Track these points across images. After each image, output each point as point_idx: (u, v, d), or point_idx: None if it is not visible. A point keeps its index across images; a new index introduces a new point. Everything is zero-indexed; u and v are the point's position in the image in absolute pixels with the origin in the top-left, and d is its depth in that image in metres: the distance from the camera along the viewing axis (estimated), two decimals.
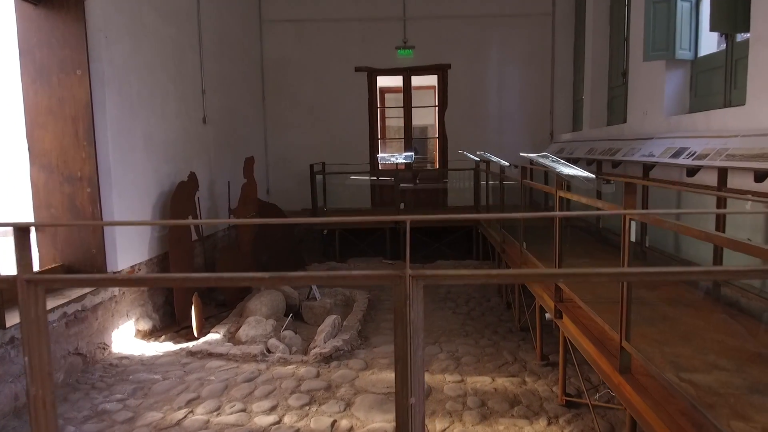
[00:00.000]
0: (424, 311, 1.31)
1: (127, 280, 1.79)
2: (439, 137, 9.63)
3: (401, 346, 1.30)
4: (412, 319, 1.29)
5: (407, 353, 1.30)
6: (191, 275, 1.36)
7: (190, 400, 3.70)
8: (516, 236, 5.17)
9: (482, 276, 1.25)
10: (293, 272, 1.37)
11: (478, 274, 1.26)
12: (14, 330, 3.49)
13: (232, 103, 7.76)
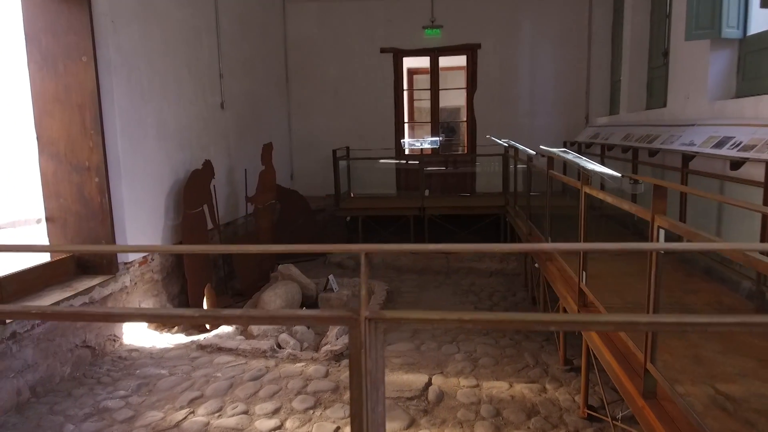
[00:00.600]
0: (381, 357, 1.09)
1: (44, 315, 1.63)
2: (467, 120, 9.27)
3: (357, 401, 1.08)
4: (370, 369, 1.07)
5: (363, 410, 1.08)
6: (112, 311, 1.17)
7: (194, 399, 3.59)
8: (542, 229, 4.87)
9: (454, 321, 1.02)
10: (228, 310, 1.16)
11: (449, 318, 1.03)
12: (15, 325, 3.44)
13: (252, 87, 7.59)
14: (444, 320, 1.03)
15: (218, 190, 6.28)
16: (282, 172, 8.95)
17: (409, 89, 11.80)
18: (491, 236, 8.22)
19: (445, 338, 4.66)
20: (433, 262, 7.07)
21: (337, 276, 6.70)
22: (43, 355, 3.66)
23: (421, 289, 6.20)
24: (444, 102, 12.31)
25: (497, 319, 1.03)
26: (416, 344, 4.52)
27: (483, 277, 6.63)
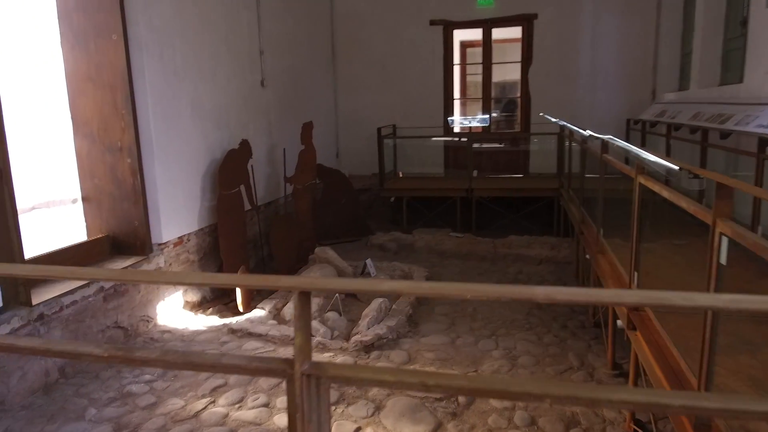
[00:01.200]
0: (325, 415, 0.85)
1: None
2: (522, 96, 8.75)
3: None
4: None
5: None
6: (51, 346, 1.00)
7: (217, 387, 3.51)
8: (595, 217, 4.46)
9: (414, 385, 0.77)
10: (141, 352, 0.96)
11: (408, 382, 0.78)
12: (43, 307, 3.44)
13: (295, 63, 7.41)
14: (401, 382, 0.78)
15: (258, 170, 6.18)
16: (327, 151, 8.80)
17: (461, 63, 11.31)
18: (544, 221, 7.76)
19: (484, 332, 4.39)
20: (478, 247, 6.75)
21: (378, 259, 6.52)
22: (72, 336, 3.68)
23: (464, 275, 5.92)
24: (499, 77, 11.75)
25: (470, 386, 0.77)
26: (452, 338, 4.27)
27: (531, 265, 6.26)
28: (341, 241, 7.26)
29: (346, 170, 9.24)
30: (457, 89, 11.18)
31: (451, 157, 9.09)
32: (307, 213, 6.35)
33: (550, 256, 6.42)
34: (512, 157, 8.98)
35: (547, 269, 6.08)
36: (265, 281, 0.89)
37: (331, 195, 7.39)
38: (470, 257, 6.59)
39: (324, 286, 0.82)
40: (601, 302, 0.80)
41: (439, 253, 6.75)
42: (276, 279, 0.85)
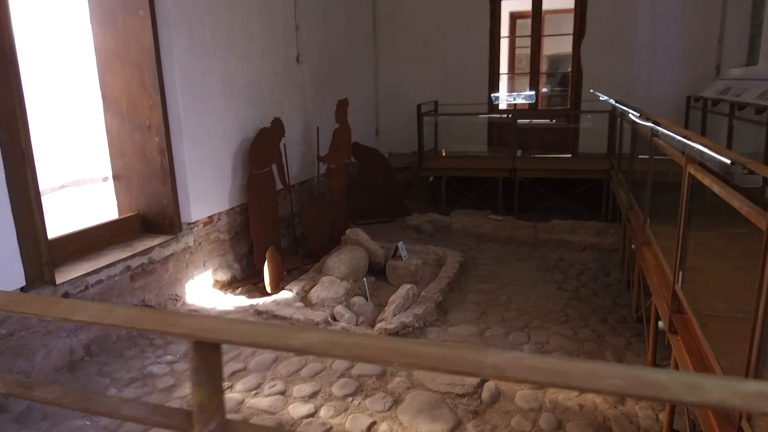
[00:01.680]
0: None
1: None
2: (573, 71, 8.25)
3: None
4: None
5: None
6: None
7: (236, 371, 3.47)
8: (643, 205, 4.12)
9: None
10: (43, 386, 0.83)
11: None
12: (67, 286, 3.47)
13: (333, 38, 7.21)
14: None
15: (293, 148, 6.09)
16: (366, 129, 8.63)
17: (510, 36, 10.81)
18: (591, 204, 7.35)
19: (517, 323, 4.17)
20: (518, 231, 6.46)
21: (413, 241, 6.35)
22: None
23: (501, 261, 5.67)
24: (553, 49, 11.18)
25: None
26: (481, 329, 4.08)
27: (575, 252, 5.94)
28: (377, 221, 7.12)
29: (386, 148, 9.07)
30: (505, 64, 10.75)
31: (495, 135, 8.74)
32: (341, 193, 6.23)
33: (594, 242, 6.07)
34: (560, 135, 8.54)
35: (591, 257, 5.74)
36: (160, 324, 0.74)
37: (367, 174, 7.23)
38: (509, 242, 6.32)
39: (222, 337, 0.67)
40: (570, 386, 0.61)
41: (476, 237, 6.51)
42: (174, 319, 0.70)
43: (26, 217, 3.20)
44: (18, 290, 3.17)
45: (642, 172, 4.35)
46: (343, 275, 4.90)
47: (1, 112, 3.06)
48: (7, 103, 3.08)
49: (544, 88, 11.92)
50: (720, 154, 1.79)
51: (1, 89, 3.05)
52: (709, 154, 1.89)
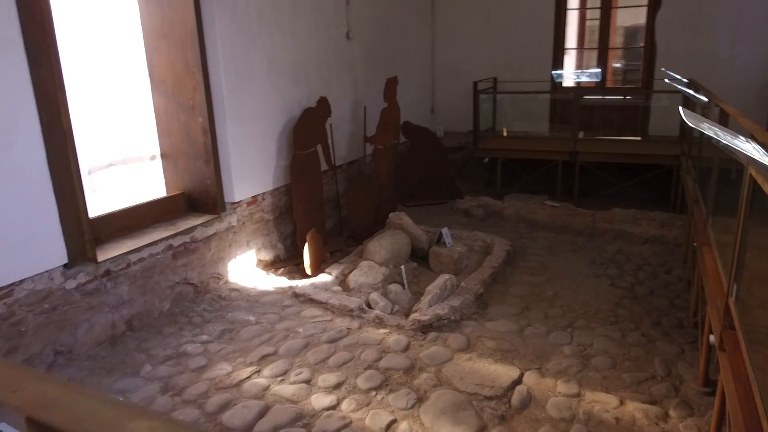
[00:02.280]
0: None
1: None
2: (645, 46, 7.63)
3: None
4: None
5: None
6: None
7: (266, 355, 3.49)
8: (707, 200, 3.75)
9: None
10: None
11: None
12: (109, 264, 3.58)
13: (387, 13, 7.00)
14: None
15: (341, 128, 6.02)
16: (421, 106, 8.42)
17: (581, 8, 10.13)
18: (659, 192, 6.85)
19: (560, 321, 3.95)
20: (575, 219, 6.12)
21: (461, 225, 6.17)
22: (140, 291, 3.83)
23: (552, 252, 5.39)
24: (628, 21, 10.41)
25: None
26: (521, 325, 3.89)
27: (635, 244, 5.55)
28: (426, 203, 6.97)
29: (441, 126, 8.83)
30: (574, 38, 10.12)
31: (557, 114, 8.28)
32: (388, 174, 6.11)
33: (658, 235, 5.65)
34: (630, 114, 7.96)
35: (652, 250, 5.35)
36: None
37: (418, 154, 7.06)
38: (564, 230, 6.00)
39: (47, 421, 0.58)
40: None
41: (529, 223, 6.23)
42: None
43: (69, 196, 3.30)
44: (61, 267, 3.30)
45: (709, 162, 3.94)
46: (383, 260, 4.82)
47: (43, 94, 3.14)
48: (48, 84, 3.15)
49: (618, 62, 11.17)
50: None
51: (43, 71, 3.12)
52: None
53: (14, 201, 3.03)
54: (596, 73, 7.28)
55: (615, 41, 10.54)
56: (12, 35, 2.95)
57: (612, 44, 8.94)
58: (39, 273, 3.17)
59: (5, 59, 2.94)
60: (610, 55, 8.28)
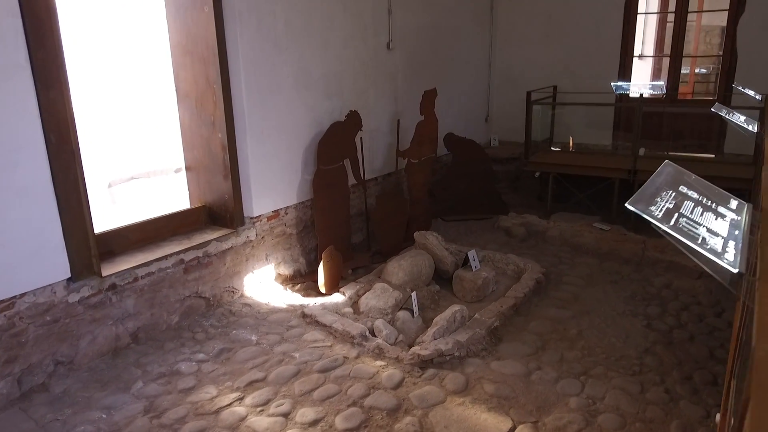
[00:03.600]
0: None
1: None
2: (725, 54, 6.87)
3: None
4: None
5: None
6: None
7: (254, 381, 3.45)
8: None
9: None
10: None
11: None
12: (115, 278, 3.68)
13: (437, 20, 6.76)
14: None
15: (378, 139, 5.90)
16: (475, 114, 8.12)
17: (662, 12, 9.36)
18: None
19: (575, 367, 3.61)
20: (623, 246, 5.62)
21: (499, 245, 5.86)
22: (147, 304, 3.91)
23: (590, 282, 4.97)
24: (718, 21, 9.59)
25: None
26: (530, 368, 3.59)
27: (687, 278, 4.99)
28: (468, 218, 6.69)
29: (497, 136, 8.48)
30: (652, 43, 9.39)
31: (622, 126, 7.67)
32: (422, 189, 5.90)
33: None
34: (703, 127, 7.21)
35: (706, 287, 4.79)
36: None
37: (461, 167, 6.79)
38: (610, 257, 5.52)
39: None
40: None
41: (573, 247, 5.80)
42: None
43: (74, 213, 3.42)
44: (64, 281, 3.43)
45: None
46: (401, 282, 4.65)
47: (52, 115, 3.26)
48: (57, 105, 3.27)
49: (703, 68, 10.22)
50: None
51: (53, 92, 3.24)
52: None
53: (18, 218, 3.17)
54: (659, 86, 6.63)
55: (698, 48, 9.66)
56: (19, 60, 3.07)
57: (695, 51, 8.21)
58: (41, 287, 3.30)
59: (11, 84, 3.06)
60: (690, 63, 7.55)
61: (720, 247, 1.37)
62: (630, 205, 1.50)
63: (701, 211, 1.53)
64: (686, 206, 1.53)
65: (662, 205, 1.50)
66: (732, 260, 1.32)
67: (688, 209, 1.52)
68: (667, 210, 1.47)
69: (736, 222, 1.54)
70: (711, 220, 1.49)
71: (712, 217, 1.51)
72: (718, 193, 1.74)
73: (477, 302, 4.67)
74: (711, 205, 1.56)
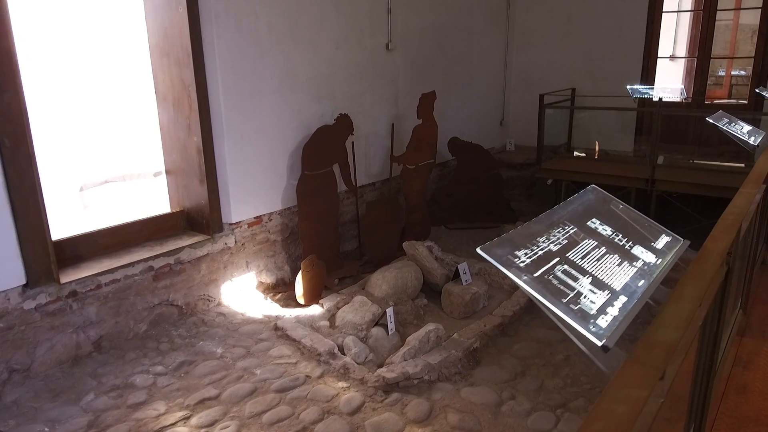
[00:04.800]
0: None
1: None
2: (756, 55, 6.33)
3: None
4: None
5: None
6: None
7: (206, 398, 3.29)
8: None
9: None
10: None
11: None
12: (75, 285, 3.59)
13: (442, 18, 6.48)
14: None
15: (376, 144, 5.69)
16: (489, 118, 7.80)
17: (696, 10, 8.77)
18: None
19: (554, 398, 3.30)
20: None
21: (500, 257, 5.53)
22: (112, 312, 3.81)
23: None
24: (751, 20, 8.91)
25: None
26: (503, 398, 3.30)
27: None
28: (474, 227, 6.40)
29: (513, 140, 8.12)
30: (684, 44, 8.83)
31: (645, 131, 7.20)
32: (419, 196, 5.64)
33: None
34: (729, 139, 6.66)
35: None
36: None
37: (467, 173, 6.49)
38: None
39: None
40: None
41: None
42: None
43: (31, 218, 3.34)
44: (20, 287, 3.35)
45: None
46: (384, 295, 4.42)
47: (7, 119, 3.18)
48: (12, 109, 3.19)
49: (742, 70, 9.55)
50: None
51: (7, 95, 3.16)
52: None
53: None
54: (679, 90, 6.15)
55: (736, 49, 9.04)
56: None
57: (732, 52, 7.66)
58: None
59: None
60: (726, 65, 7.03)
61: (596, 308, 1.10)
62: (482, 251, 1.24)
63: (602, 253, 1.26)
64: (580, 248, 1.26)
65: (544, 245, 1.23)
66: (604, 327, 1.05)
67: (581, 252, 1.25)
68: (545, 253, 1.20)
69: (650, 268, 1.26)
70: (611, 267, 1.21)
71: (615, 262, 1.23)
72: (647, 227, 1.46)
73: (465, 318, 4.40)
74: (625, 246, 1.28)
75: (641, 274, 1.20)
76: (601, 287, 1.14)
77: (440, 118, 5.85)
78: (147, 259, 3.96)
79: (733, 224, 1.56)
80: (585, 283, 1.14)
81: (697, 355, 1.71)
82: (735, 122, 2.99)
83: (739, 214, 1.63)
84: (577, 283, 1.14)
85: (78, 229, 3.98)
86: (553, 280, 1.13)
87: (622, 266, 1.22)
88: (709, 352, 1.65)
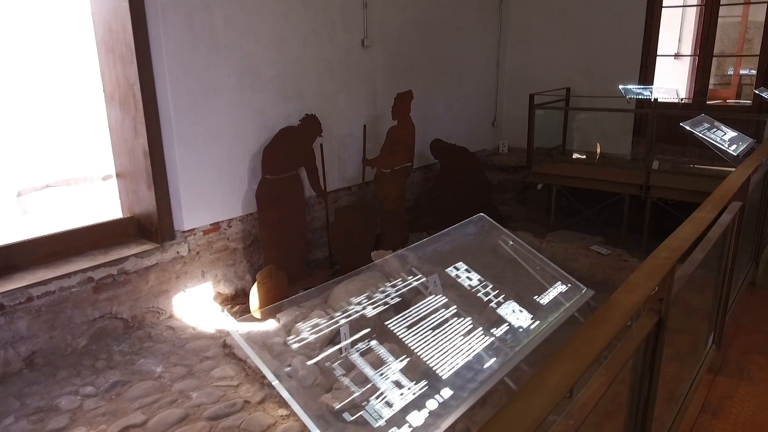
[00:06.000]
0: None
1: None
2: (761, 53, 5.91)
3: None
4: None
5: None
6: None
7: (131, 426, 3.02)
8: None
9: None
10: None
11: None
12: (2, 297, 3.34)
13: (429, 14, 6.16)
14: None
15: (351, 145, 5.39)
16: (480, 119, 7.46)
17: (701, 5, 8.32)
18: None
19: None
20: (620, 275, 4.87)
21: (482, 266, 5.19)
22: (46, 326, 3.56)
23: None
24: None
25: None
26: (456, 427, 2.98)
27: None
28: None
29: (506, 141, 7.77)
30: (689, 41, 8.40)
31: (642, 133, 6.80)
32: (395, 201, 5.33)
33: None
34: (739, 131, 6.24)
35: None
36: None
37: (451, 177, 6.16)
38: (604, 287, 4.77)
39: None
40: None
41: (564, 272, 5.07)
42: None
43: None
44: None
45: None
46: None
47: None
48: None
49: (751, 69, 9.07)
50: None
51: None
52: None
53: None
54: (673, 90, 5.76)
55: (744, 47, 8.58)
56: None
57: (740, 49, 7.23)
58: None
59: None
60: (735, 63, 6.61)
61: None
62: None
63: (449, 316, 0.94)
64: (414, 310, 0.95)
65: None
66: None
67: (414, 316, 0.94)
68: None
69: (516, 336, 0.95)
70: (452, 337, 0.90)
71: (462, 330, 0.92)
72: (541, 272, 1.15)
73: None
74: (491, 302, 0.97)
75: (497, 348, 0.88)
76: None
77: (425, 119, 5.55)
78: (86, 269, 3.71)
79: (664, 264, 1.24)
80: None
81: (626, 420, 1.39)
82: (717, 128, 2.63)
83: (676, 250, 1.31)
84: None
85: (14, 237, 3.73)
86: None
87: (471, 336, 0.90)
88: (640, 419, 1.33)
